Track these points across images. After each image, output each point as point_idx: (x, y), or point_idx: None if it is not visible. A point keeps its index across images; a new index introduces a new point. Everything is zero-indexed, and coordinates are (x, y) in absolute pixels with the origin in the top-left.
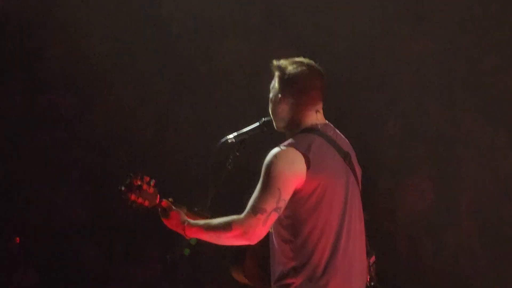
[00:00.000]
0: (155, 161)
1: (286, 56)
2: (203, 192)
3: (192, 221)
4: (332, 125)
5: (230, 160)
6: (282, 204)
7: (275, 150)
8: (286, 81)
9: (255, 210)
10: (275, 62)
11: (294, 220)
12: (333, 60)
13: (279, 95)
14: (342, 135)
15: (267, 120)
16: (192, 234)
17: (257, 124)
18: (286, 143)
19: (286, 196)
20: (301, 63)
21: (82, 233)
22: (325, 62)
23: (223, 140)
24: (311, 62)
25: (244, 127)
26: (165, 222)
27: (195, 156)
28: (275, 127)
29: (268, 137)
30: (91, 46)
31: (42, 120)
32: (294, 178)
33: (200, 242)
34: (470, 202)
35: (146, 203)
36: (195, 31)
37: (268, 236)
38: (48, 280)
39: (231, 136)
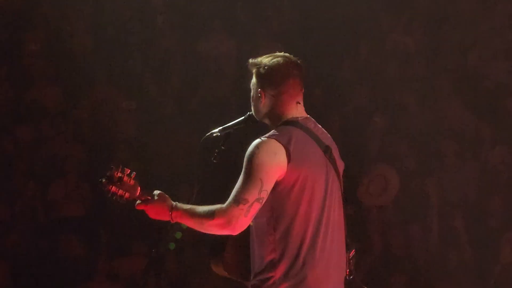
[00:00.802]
0: (140, 155)
1: (271, 50)
2: (189, 185)
3: (179, 204)
4: (313, 119)
5: (215, 154)
6: (264, 195)
7: (257, 141)
8: (263, 74)
9: (237, 200)
10: (250, 61)
11: (274, 212)
12: (318, 55)
13: (259, 90)
14: (323, 129)
15: (252, 114)
16: (178, 218)
17: (242, 118)
18: (267, 134)
19: (268, 186)
20: (275, 56)
21: (69, 228)
22: (310, 56)
23: (208, 134)
24: (286, 54)
25: (230, 121)
26: (148, 211)
27: (181, 150)
28: (257, 118)
29: (254, 131)
30: (76, 41)
31: (27, 116)
32: (276, 169)
33: (184, 238)
34: (454, 195)
35: (127, 195)
36: (181, 26)
37: (248, 228)
38: (33, 275)
39: (216, 130)
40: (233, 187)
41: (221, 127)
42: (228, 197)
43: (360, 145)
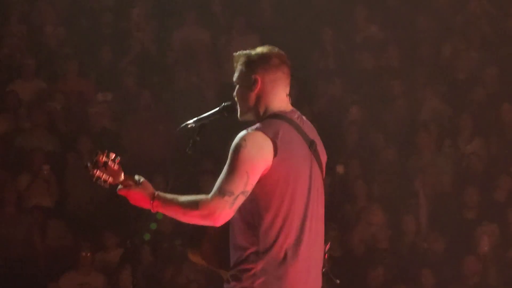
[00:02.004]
0: (115, 147)
1: (247, 43)
2: (163, 176)
3: (161, 193)
4: (298, 112)
5: (190, 145)
6: (250, 188)
7: (244, 133)
8: (259, 59)
9: (222, 192)
10: (237, 53)
11: (258, 205)
12: (294, 47)
13: (253, 76)
14: (308, 122)
15: (227, 105)
16: (159, 207)
17: (217, 109)
18: (254, 127)
19: (254, 180)
20: (264, 47)
21: (44, 219)
22: (286, 48)
23: (183, 125)
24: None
25: (204, 113)
26: (130, 197)
27: (155, 141)
28: (241, 118)
29: (228, 122)
30: (50, 33)
31: (2, 108)
32: (262, 163)
33: (159, 229)
34: (431, 187)
35: (110, 180)
36: (156, 18)
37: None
38: (9, 267)
39: (191, 121)
40: (209, 179)
41: (196, 118)
42: (203, 188)
43: (336, 137)
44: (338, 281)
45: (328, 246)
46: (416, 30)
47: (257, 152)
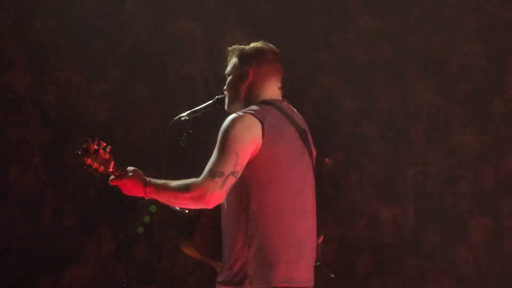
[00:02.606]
0: (108, 139)
1: (240, 37)
2: (156, 170)
3: (153, 179)
4: (288, 103)
5: (183, 138)
6: (239, 168)
7: (232, 116)
8: (251, 54)
9: (212, 173)
10: (231, 47)
11: (246, 190)
12: (288, 39)
13: (245, 68)
14: (298, 113)
15: (220, 98)
16: (152, 193)
17: (210, 101)
18: (242, 110)
19: (243, 160)
20: (259, 42)
21: (36, 212)
22: (280, 41)
23: (176, 118)
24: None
25: (198, 105)
26: (122, 187)
27: (149, 134)
28: (229, 109)
29: (222, 114)
30: (42, 24)
31: None
32: (251, 142)
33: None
34: (423, 179)
35: (101, 168)
36: (150, 10)
37: (219, 207)
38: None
39: (184, 114)
40: (202, 171)
41: (189, 111)
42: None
43: (328, 128)
44: (332, 275)
45: (321, 239)
46: (409, 22)
47: (245, 132)
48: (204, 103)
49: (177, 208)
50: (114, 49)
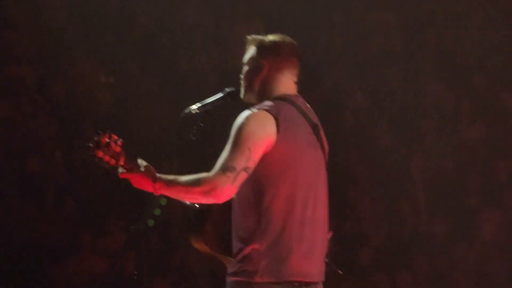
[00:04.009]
0: (118, 132)
1: (250, 28)
2: (167, 162)
3: (163, 175)
4: (302, 98)
5: (194, 131)
6: (252, 164)
7: (246, 112)
8: (269, 47)
9: (224, 168)
10: (250, 36)
11: (261, 184)
12: (296, 33)
13: (261, 61)
14: (311, 109)
15: (231, 91)
16: (162, 189)
17: (221, 94)
18: (257, 106)
19: (256, 156)
20: (277, 35)
21: (49, 204)
22: (288, 35)
23: (187, 110)
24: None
25: (208, 98)
26: (132, 180)
27: (159, 127)
28: (244, 98)
29: (232, 107)
30: (52, 17)
31: (4, 93)
32: (265, 139)
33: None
34: (435, 172)
35: (112, 161)
36: (158, 2)
37: (229, 202)
38: (14, 252)
39: (195, 106)
40: (212, 165)
41: (199, 104)
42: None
43: (339, 121)
44: (341, 272)
45: (330, 234)
46: (418, 17)
47: (259, 128)
48: (214, 95)
49: (188, 202)
50: (124, 41)
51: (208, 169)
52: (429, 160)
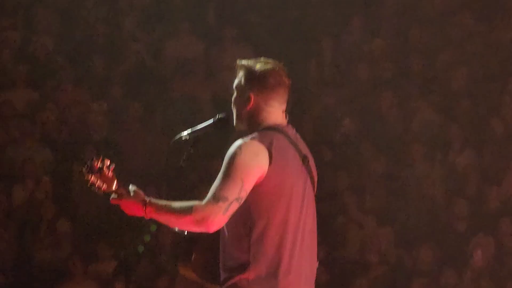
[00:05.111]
0: (108, 157)
1: (240, 54)
2: (157, 188)
3: (154, 199)
4: (292, 128)
5: (183, 158)
6: (244, 195)
7: (239, 141)
8: (256, 77)
9: (216, 198)
10: (240, 62)
11: (251, 214)
12: (286, 58)
13: (248, 92)
14: (300, 138)
15: (221, 117)
16: (152, 214)
17: (211, 121)
18: (249, 136)
19: (248, 187)
20: (267, 62)
21: (37, 232)
22: (279, 60)
23: (177, 137)
24: (276, 62)
25: (198, 124)
26: (123, 206)
27: (149, 153)
28: (235, 127)
29: (222, 134)
30: (42, 42)
31: None
32: (257, 170)
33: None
34: (422, 199)
35: (104, 187)
36: (148, 27)
37: (218, 230)
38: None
39: (185, 133)
40: (202, 192)
41: (190, 130)
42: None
43: (328, 147)
44: None
45: (316, 264)
46: (410, 42)
47: (252, 159)
48: (205, 121)
49: (176, 229)
50: (114, 67)
51: (197, 196)
52: (418, 187)
